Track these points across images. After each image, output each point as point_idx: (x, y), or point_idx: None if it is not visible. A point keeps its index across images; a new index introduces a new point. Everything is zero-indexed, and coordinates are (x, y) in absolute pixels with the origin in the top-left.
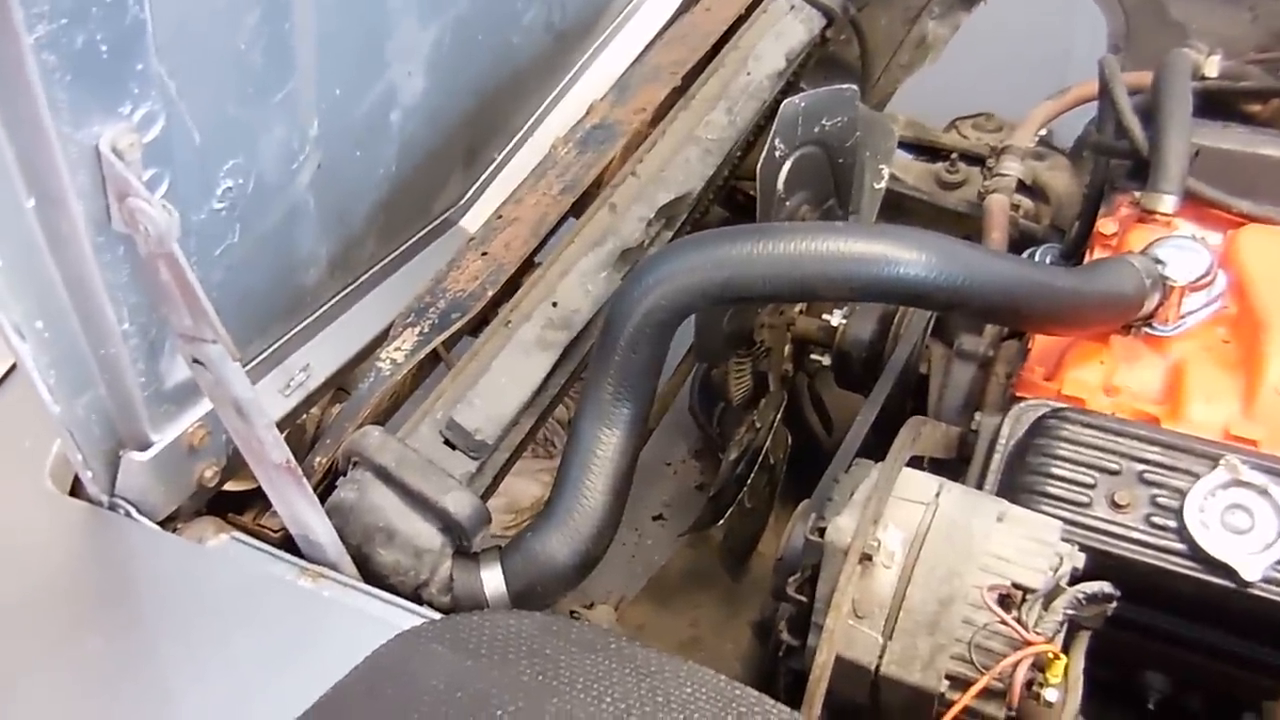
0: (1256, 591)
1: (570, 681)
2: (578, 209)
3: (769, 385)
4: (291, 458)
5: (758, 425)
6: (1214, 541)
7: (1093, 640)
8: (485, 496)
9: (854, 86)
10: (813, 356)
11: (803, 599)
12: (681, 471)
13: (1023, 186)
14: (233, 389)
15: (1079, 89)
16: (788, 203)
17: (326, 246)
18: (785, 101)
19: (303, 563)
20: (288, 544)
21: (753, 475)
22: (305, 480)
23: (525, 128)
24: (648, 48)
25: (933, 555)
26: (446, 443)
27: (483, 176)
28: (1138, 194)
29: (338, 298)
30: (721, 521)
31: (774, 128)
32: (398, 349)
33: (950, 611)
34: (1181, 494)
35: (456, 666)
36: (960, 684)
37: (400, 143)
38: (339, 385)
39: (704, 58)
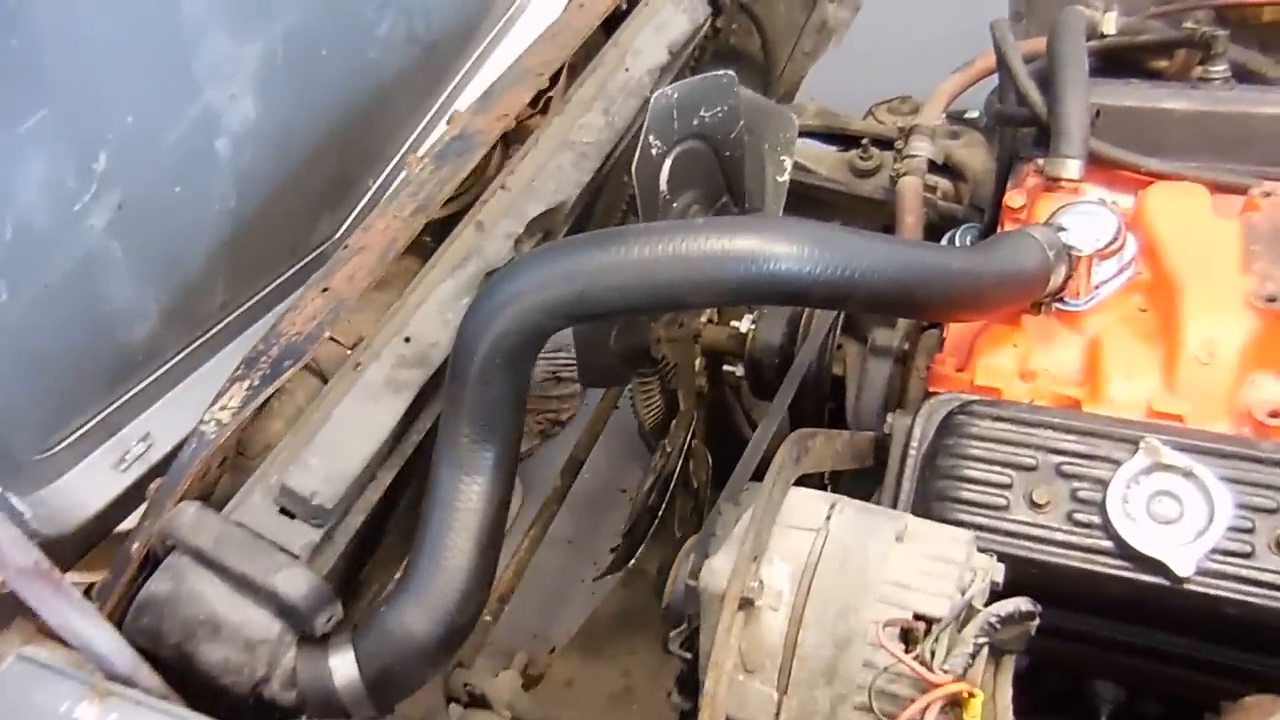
0: (1193, 587)
1: None
2: (436, 229)
3: (680, 405)
4: (42, 558)
5: (668, 449)
6: (1141, 535)
7: (1035, 652)
8: (346, 568)
9: (730, 72)
10: (726, 368)
11: (686, 655)
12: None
13: (938, 166)
14: None
15: (984, 59)
16: (675, 204)
17: (155, 297)
18: (656, 94)
19: (94, 679)
20: None
21: (673, 502)
22: (65, 583)
23: (401, 152)
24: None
25: (825, 590)
26: (283, 511)
27: (359, 206)
28: (1042, 162)
29: (183, 354)
30: (647, 552)
31: (646, 124)
32: (223, 408)
33: (848, 654)
34: (1103, 485)
35: None
36: None
37: (235, 174)
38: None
39: (576, 56)
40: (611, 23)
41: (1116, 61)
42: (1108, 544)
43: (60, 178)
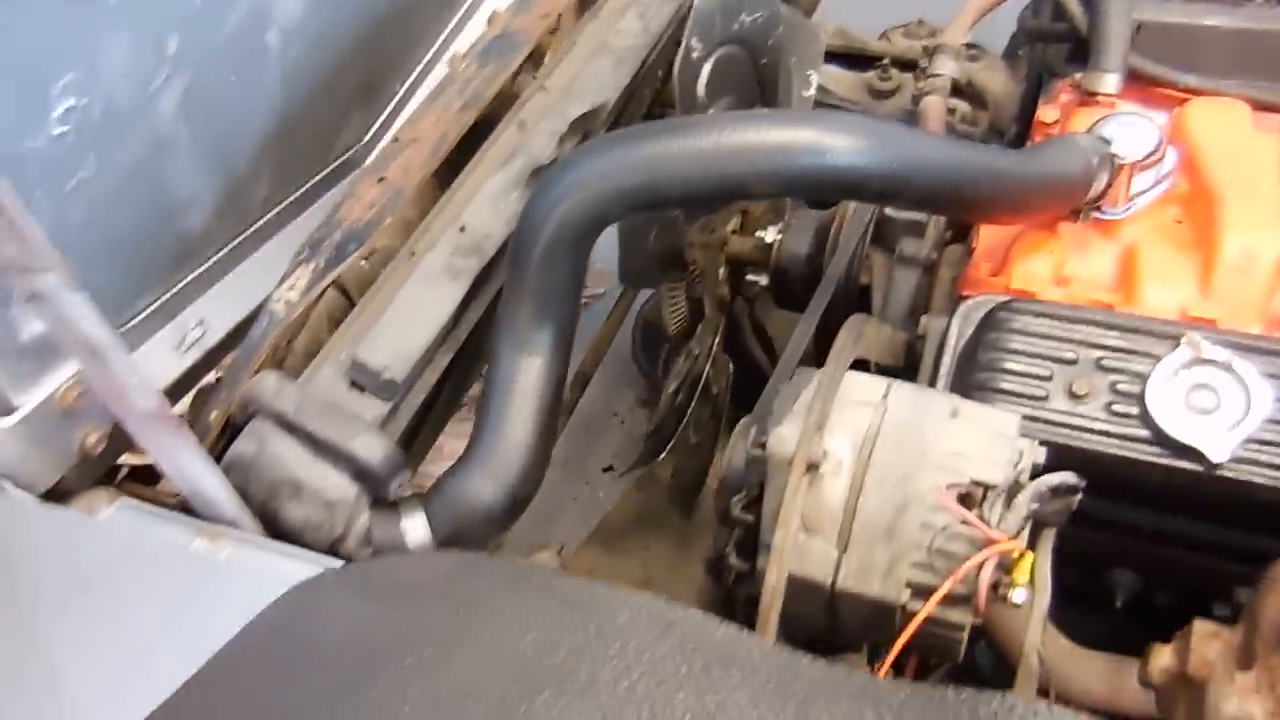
0: (1226, 473)
1: (489, 620)
2: (482, 124)
3: (705, 312)
4: (165, 402)
5: (695, 353)
6: (1179, 424)
7: (1058, 541)
8: (405, 442)
9: None
10: (750, 278)
11: (749, 519)
12: (629, 420)
13: (958, 90)
14: (79, 326)
15: None
16: (711, 110)
17: (209, 187)
18: None
19: (199, 523)
20: (189, 507)
21: (694, 407)
22: (184, 428)
23: (427, 58)
24: None
25: (884, 459)
26: (353, 385)
27: (385, 113)
28: (1078, 76)
29: (230, 246)
30: (663, 457)
31: (690, 26)
32: (291, 288)
33: (907, 517)
34: (1142, 378)
35: (361, 614)
36: (923, 592)
37: (282, 69)
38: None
39: None
40: None
41: None
42: (1145, 433)
43: (140, 55)
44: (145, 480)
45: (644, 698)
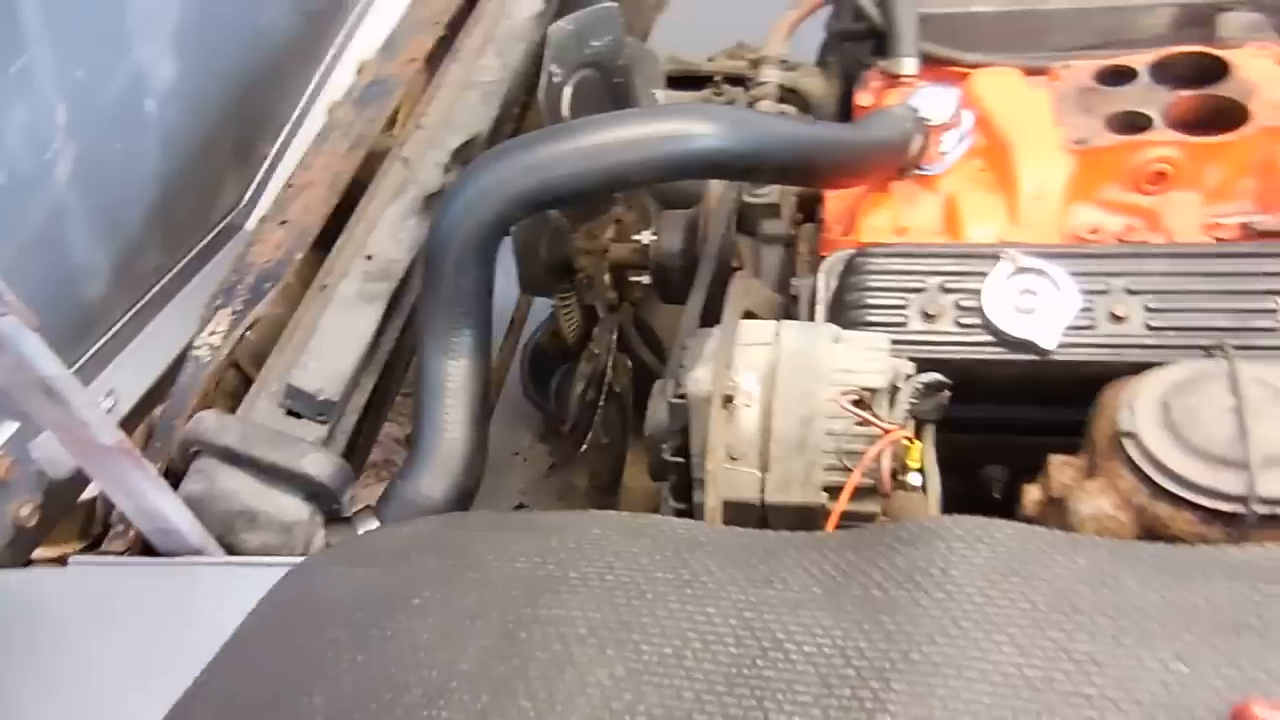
0: (1056, 357)
1: (479, 557)
2: (370, 163)
3: (598, 316)
4: (125, 437)
5: (596, 351)
6: (1013, 324)
7: (939, 449)
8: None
9: (614, 4)
10: (632, 279)
11: (680, 461)
12: (531, 458)
13: (784, 96)
14: (38, 367)
15: None
16: None
17: (105, 255)
18: (553, 27)
19: (163, 560)
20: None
21: (603, 405)
22: (145, 459)
23: (294, 117)
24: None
25: (786, 384)
26: (289, 413)
27: (259, 174)
28: (882, 64)
29: (131, 313)
30: (579, 466)
31: (547, 54)
32: (212, 333)
33: (813, 428)
34: (977, 293)
35: (360, 576)
36: (838, 491)
37: (162, 134)
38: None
39: (462, 7)
40: None
41: None
42: (988, 337)
43: (36, 124)
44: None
45: (629, 582)
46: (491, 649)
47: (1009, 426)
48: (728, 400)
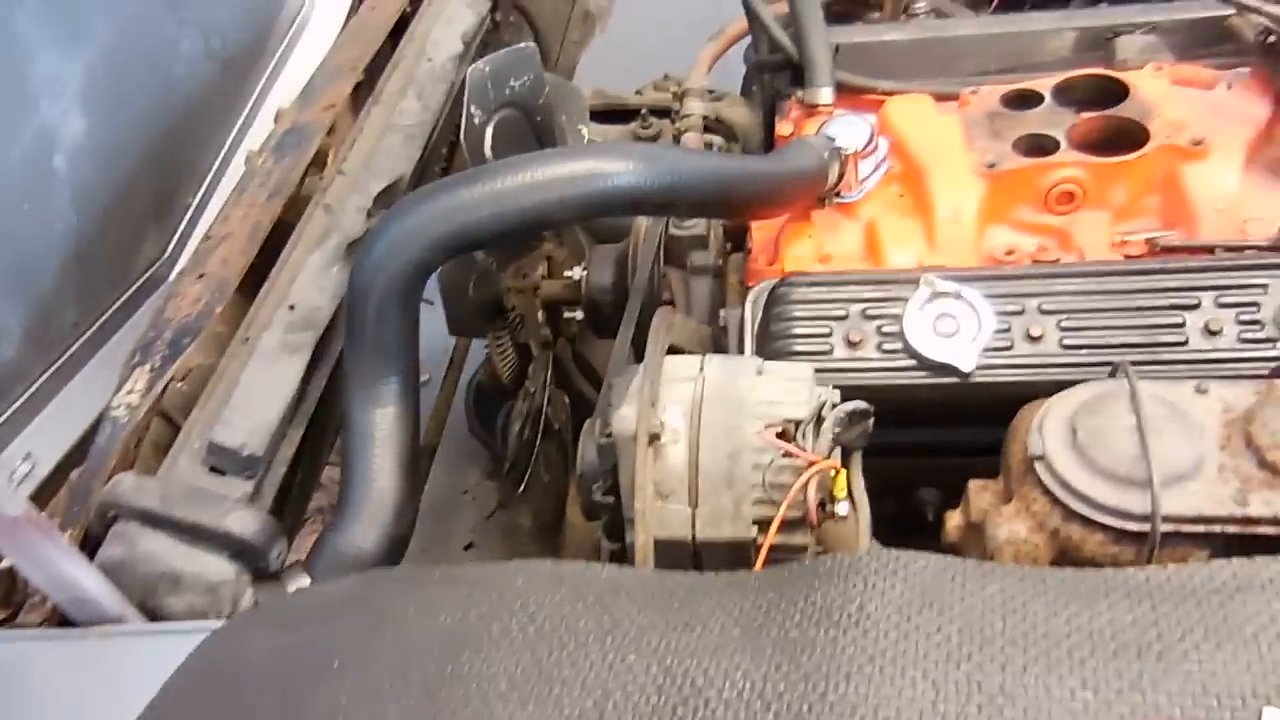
0: (976, 379)
1: (400, 614)
2: (289, 212)
3: (532, 354)
4: (32, 508)
5: (531, 390)
6: (933, 348)
7: (869, 476)
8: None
9: (531, 44)
10: (566, 315)
11: (610, 501)
12: (480, 496)
13: (709, 127)
14: None
15: (734, 27)
16: None
17: (16, 315)
18: (471, 68)
19: (78, 630)
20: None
21: (540, 442)
22: (56, 529)
23: (214, 168)
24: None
25: (712, 419)
26: (213, 470)
27: (180, 226)
28: (800, 94)
29: (47, 374)
30: (522, 505)
31: (466, 96)
32: (130, 392)
33: (740, 462)
34: (898, 318)
35: (279, 640)
36: (767, 525)
37: (73, 190)
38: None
39: (380, 51)
40: (398, 24)
41: (840, 15)
42: (910, 362)
43: None
44: None
45: (550, 632)
46: (412, 709)
47: (938, 449)
48: (654, 438)
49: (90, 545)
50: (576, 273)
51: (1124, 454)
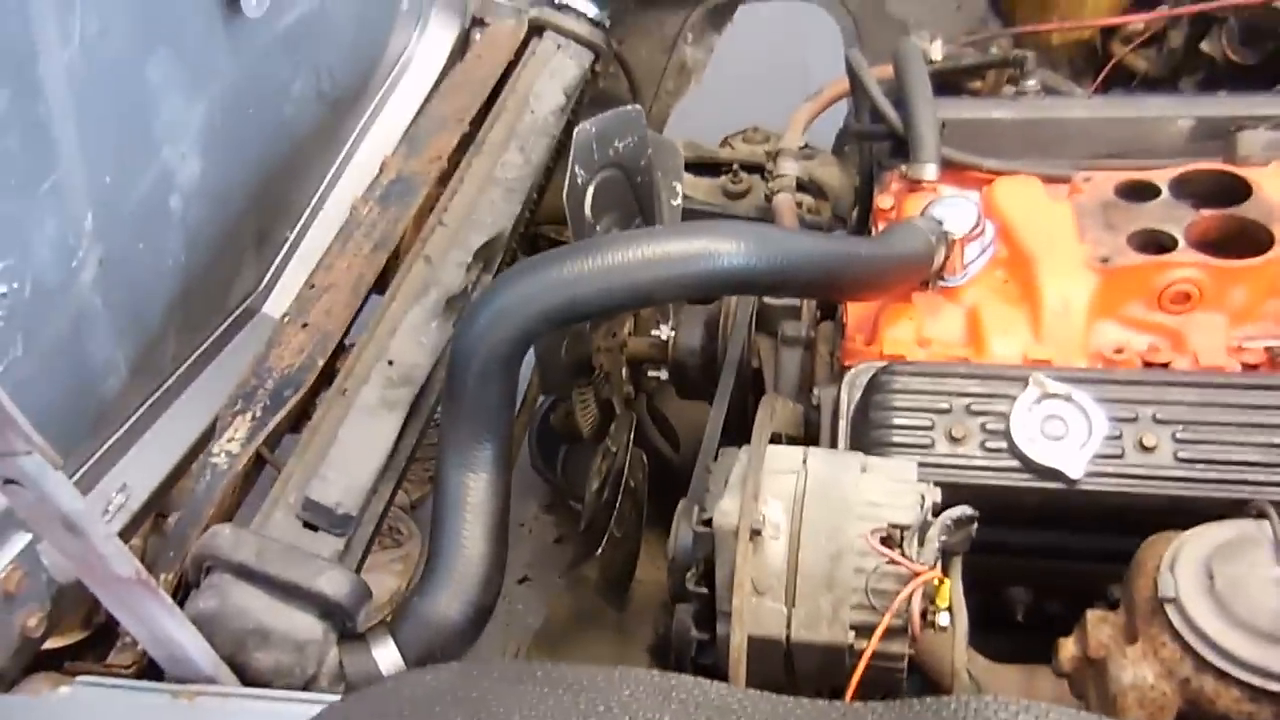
0: (1084, 487)
1: (505, 716)
2: (392, 265)
3: (615, 411)
4: (141, 567)
5: (613, 449)
6: (1040, 451)
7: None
8: (358, 572)
9: (638, 106)
10: (650, 374)
11: (704, 591)
12: (536, 529)
13: (801, 186)
14: (60, 502)
15: (831, 88)
16: (598, 227)
17: (124, 351)
18: (578, 128)
19: (173, 686)
20: (149, 675)
21: (619, 499)
22: (160, 590)
23: (312, 203)
24: (427, 101)
25: (814, 517)
26: (306, 525)
27: (277, 259)
28: (904, 168)
29: (145, 406)
30: (597, 554)
31: (572, 155)
32: (231, 439)
33: (841, 565)
34: (1005, 416)
35: None
36: (865, 631)
37: (185, 230)
38: (157, 509)
39: (485, 103)
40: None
41: (942, 84)
42: (1015, 463)
43: (64, 235)
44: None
45: None
46: None
47: (1035, 550)
48: (755, 534)
49: (183, 592)
50: (664, 331)
51: (1267, 608)
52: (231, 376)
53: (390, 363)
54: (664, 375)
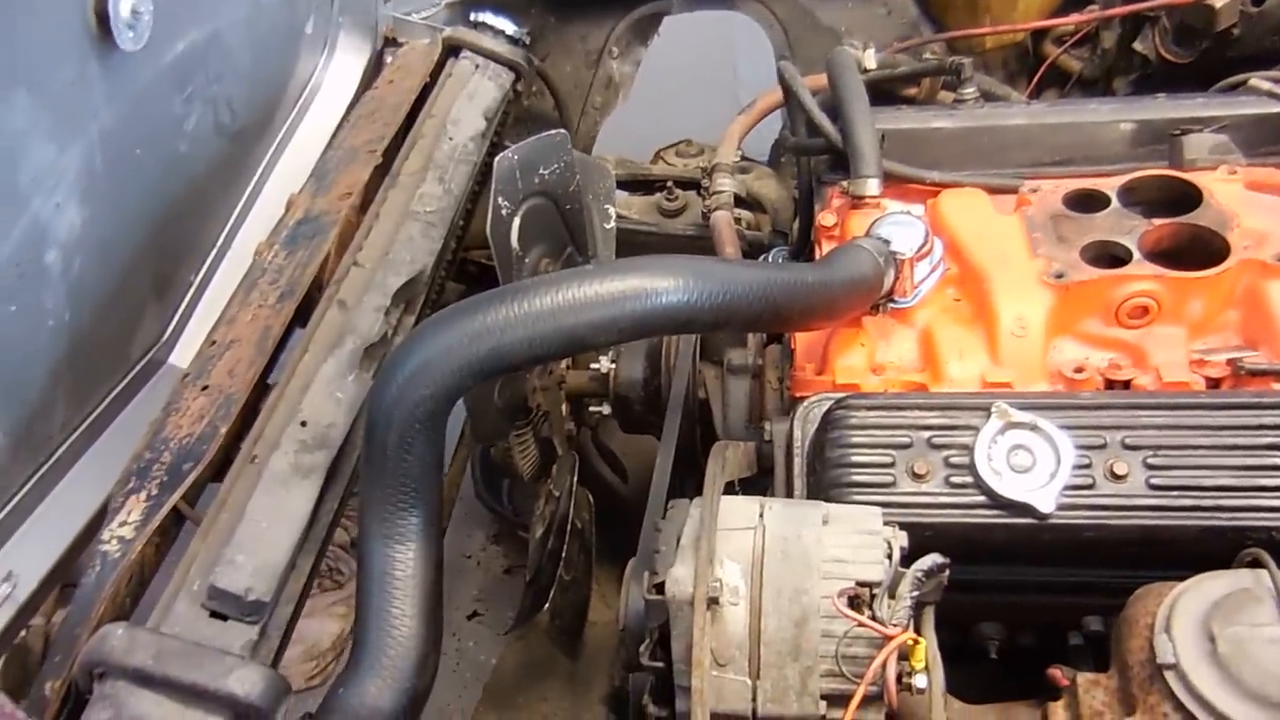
0: (1055, 520)
1: None
2: (302, 315)
3: (556, 450)
4: (6, 700)
5: (556, 494)
6: (1008, 485)
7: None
8: (276, 661)
9: (562, 131)
10: (591, 409)
11: (659, 664)
12: (484, 560)
13: (738, 200)
14: None
15: (764, 100)
16: (526, 259)
17: (2, 426)
18: (498, 158)
19: None
20: None
21: (565, 546)
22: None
23: (218, 244)
24: (337, 131)
25: (775, 577)
26: (214, 615)
27: (181, 306)
28: (845, 184)
29: (32, 482)
30: (546, 605)
31: (494, 186)
32: (124, 523)
33: (807, 630)
34: (968, 449)
35: None
36: (838, 701)
37: (67, 285)
38: (64, 581)
39: (399, 131)
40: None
41: (877, 92)
42: (982, 499)
43: None
44: None
45: None
46: None
47: (1004, 586)
48: (713, 602)
49: (74, 704)
50: (604, 364)
51: (1275, 675)
52: (136, 437)
53: (304, 424)
54: (606, 410)
